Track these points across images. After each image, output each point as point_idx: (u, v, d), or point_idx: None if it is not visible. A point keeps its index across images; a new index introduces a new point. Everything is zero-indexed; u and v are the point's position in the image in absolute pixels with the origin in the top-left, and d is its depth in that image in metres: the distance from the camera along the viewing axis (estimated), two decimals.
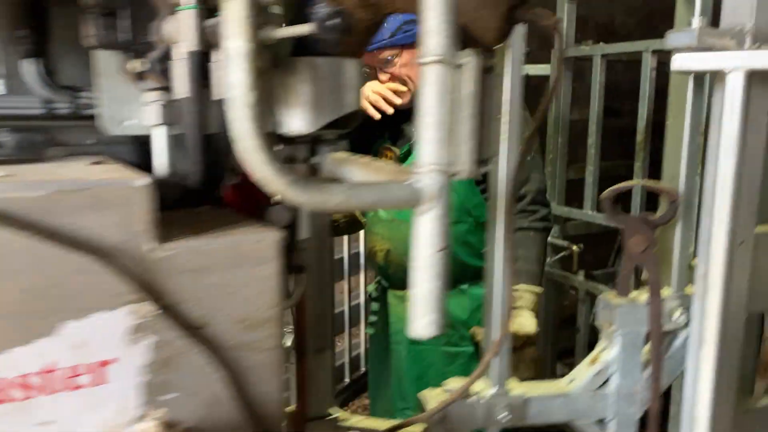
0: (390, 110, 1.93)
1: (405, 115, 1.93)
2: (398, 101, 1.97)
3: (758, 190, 0.95)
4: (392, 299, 2.11)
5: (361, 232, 3.00)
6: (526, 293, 1.84)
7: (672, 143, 1.06)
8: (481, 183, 1.92)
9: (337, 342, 3.14)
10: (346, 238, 3.11)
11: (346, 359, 3.24)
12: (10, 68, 0.83)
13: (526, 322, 1.71)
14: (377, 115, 1.94)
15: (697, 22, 0.89)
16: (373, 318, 2.28)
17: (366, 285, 3.17)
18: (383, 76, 1.91)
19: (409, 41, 1.84)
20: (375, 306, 2.26)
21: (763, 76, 0.89)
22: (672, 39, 0.90)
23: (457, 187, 1.87)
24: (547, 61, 2.75)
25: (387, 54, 1.88)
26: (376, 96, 1.96)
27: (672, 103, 1.09)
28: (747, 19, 0.93)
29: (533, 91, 1.21)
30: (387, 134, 2.07)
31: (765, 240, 0.99)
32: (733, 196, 0.91)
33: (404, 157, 2.00)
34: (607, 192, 1.01)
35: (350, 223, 1.98)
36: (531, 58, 3.38)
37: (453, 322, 1.97)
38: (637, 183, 0.89)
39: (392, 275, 2.06)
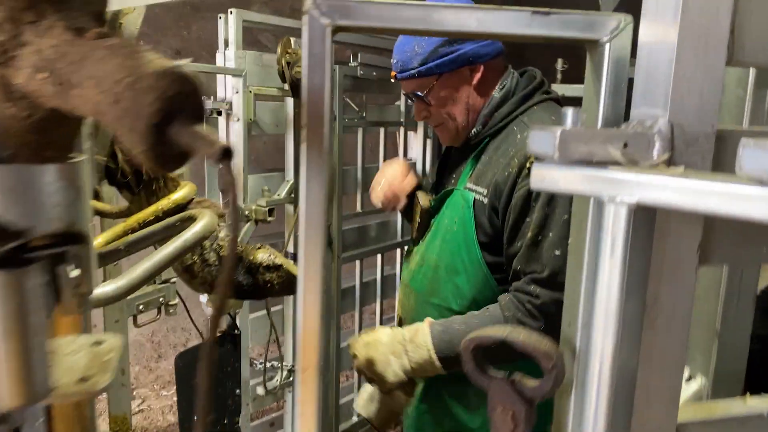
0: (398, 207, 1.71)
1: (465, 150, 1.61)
2: (401, 206, 1.70)
3: None
4: None
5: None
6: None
7: (572, 272, 0.74)
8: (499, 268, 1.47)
9: None
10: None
11: None
12: None
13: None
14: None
15: (569, 116, 0.58)
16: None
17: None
18: (419, 112, 1.59)
19: (446, 68, 1.48)
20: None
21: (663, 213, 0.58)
22: (534, 141, 0.59)
23: (467, 265, 1.49)
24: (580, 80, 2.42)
25: (416, 88, 1.53)
26: (381, 196, 1.70)
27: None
28: (660, 110, 0.62)
29: None
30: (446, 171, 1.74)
31: None
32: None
33: (434, 211, 1.64)
34: (466, 341, 0.71)
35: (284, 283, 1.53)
36: (566, 77, 3.09)
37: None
38: (503, 334, 0.61)
39: None
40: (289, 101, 2.23)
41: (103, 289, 0.76)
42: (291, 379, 2.57)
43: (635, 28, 0.66)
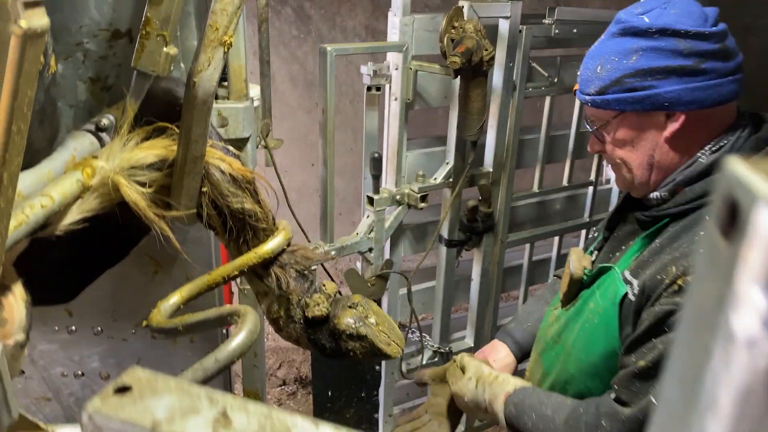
0: None
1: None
2: None
3: None
4: None
5: None
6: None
7: None
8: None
9: None
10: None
11: None
12: None
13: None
14: None
15: None
16: None
17: None
18: (592, 143, 1.26)
19: (628, 107, 1.11)
20: None
21: None
22: None
23: (602, 372, 1.22)
24: None
25: (590, 115, 1.21)
26: None
27: None
28: None
29: None
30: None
31: None
32: None
33: (585, 284, 1.29)
34: None
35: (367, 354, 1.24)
36: None
37: None
38: None
39: None
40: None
41: None
42: (436, 359, 2.50)
43: None
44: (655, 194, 1.17)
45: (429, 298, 2.50)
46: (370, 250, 2.04)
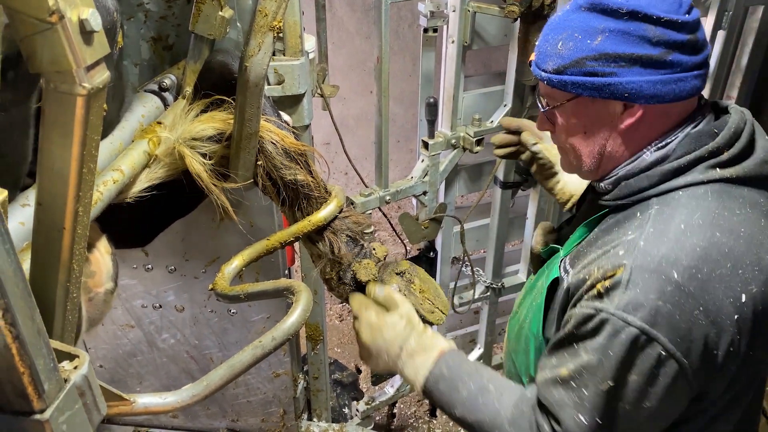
0: None
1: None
2: None
3: None
4: None
5: None
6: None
7: None
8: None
9: None
10: None
11: None
12: None
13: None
14: None
15: None
16: None
17: None
18: (541, 121, 1.18)
19: (586, 92, 1.02)
20: None
21: None
22: None
23: (539, 348, 1.22)
24: None
25: (543, 94, 1.12)
26: None
27: None
28: None
29: None
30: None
31: None
32: None
33: (545, 259, 1.33)
34: None
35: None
36: None
37: None
38: None
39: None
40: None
41: (179, 396, 0.79)
42: (488, 294, 2.57)
43: None
44: (599, 185, 1.13)
45: (483, 235, 2.53)
46: (425, 193, 2.08)
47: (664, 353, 0.93)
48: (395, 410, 3.00)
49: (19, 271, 0.46)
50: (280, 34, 1.34)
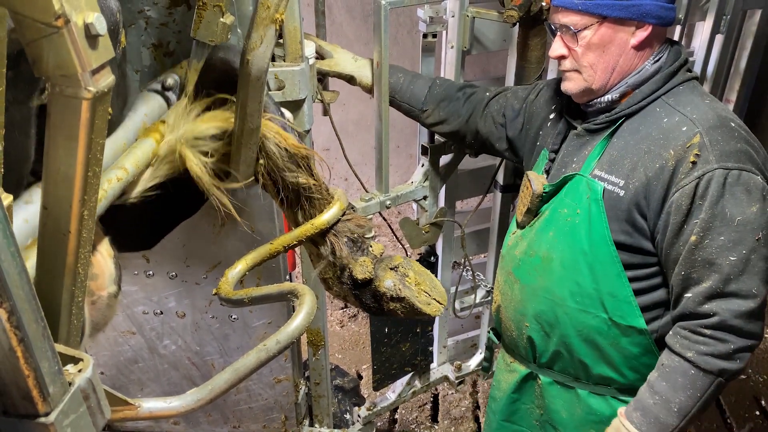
0: None
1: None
2: None
3: None
4: (500, 363, 1.76)
5: None
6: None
7: None
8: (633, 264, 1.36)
9: None
10: None
11: None
12: None
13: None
14: None
15: None
16: (485, 364, 1.97)
17: None
18: (558, 47, 1.38)
19: (614, 13, 1.29)
20: (487, 353, 1.93)
21: None
22: None
23: (592, 263, 1.36)
24: None
25: (571, 22, 1.33)
26: None
27: None
28: None
29: None
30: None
31: None
32: None
33: (547, 197, 1.47)
34: None
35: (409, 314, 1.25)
36: None
37: (554, 421, 1.58)
38: None
39: (503, 333, 1.69)
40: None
41: (184, 400, 0.79)
42: (489, 298, 2.57)
43: None
44: (607, 97, 1.37)
45: (483, 239, 2.53)
46: (425, 198, 2.08)
47: (762, 181, 1.23)
48: (397, 416, 2.99)
49: (24, 273, 0.46)
50: (281, 40, 1.34)
